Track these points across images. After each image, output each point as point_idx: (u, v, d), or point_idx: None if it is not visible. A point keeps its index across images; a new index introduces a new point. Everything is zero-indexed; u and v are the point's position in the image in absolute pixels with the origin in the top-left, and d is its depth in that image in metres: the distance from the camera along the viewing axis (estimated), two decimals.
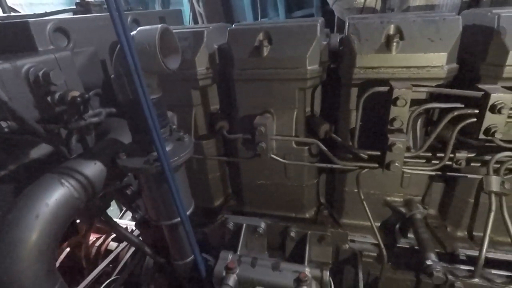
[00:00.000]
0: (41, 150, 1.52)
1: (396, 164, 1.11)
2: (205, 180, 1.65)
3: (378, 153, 1.19)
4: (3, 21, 1.37)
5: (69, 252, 3.07)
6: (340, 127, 1.39)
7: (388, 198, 1.39)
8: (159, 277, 1.82)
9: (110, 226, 1.68)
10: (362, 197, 1.26)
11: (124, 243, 2.94)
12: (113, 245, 3.01)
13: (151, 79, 1.10)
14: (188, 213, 1.37)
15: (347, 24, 1.25)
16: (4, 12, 2.78)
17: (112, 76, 1.11)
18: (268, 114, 1.40)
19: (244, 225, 1.40)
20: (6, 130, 1.15)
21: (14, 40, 1.33)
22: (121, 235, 1.73)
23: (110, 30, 1.72)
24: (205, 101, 1.57)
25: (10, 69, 1.14)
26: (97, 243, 3.02)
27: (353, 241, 1.37)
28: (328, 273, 1.17)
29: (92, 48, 1.60)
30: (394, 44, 1.17)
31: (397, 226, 1.37)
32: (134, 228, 2.37)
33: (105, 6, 2.01)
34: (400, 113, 1.09)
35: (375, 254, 1.36)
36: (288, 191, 1.53)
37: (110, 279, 2.23)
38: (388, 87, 1.11)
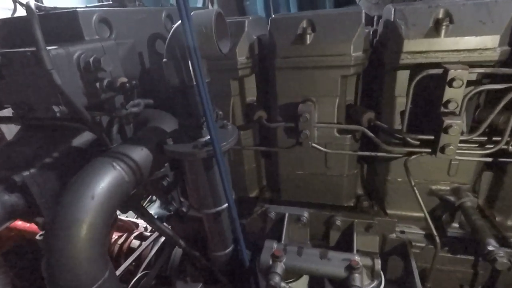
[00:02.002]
0: (82, 139, 1.54)
1: (451, 147, 1.09)
2: (241, 172, 1.64)
3: (431, 137, 1.16)
4: (52, 11, 1.40)
5: None
6: (384, 114, 1.37)
7: (434, 187, 1.36)
8: (193, 270, 1.80)
9: (145, 218, 1.68)
10: (413, 184, 1.23)
11: (147, 241, 2.94)
12: (135, 243, 3.01)
13: (203, 63, 1.11)
14: (225, 205, 1.37)
15: (393, 10, 1.25)
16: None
17: (164, 60, 1.12)
18: (309, 102, 1.39)
19: (287, 214, 1.38)
20: (58, 114, 1.16)
21: (62, 30, 1.36)
22: (156, 227, 1.72)
23: (148, 24, 1.77)
24: (243, 92, 1.57)
25: (64, 55, 1.16)
26: (119, 241, 3.02)
27: (403, 232, 1.34)
28: (379, 262, 1.14)
29: (132, 40, 1.62)
30: (444, 28, 1.16)
31: (445, 215, 1.34)
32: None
33: (139, 1, 2.06)
34: (455, 95, 1.07)
35: (423, 245, 1.33)
36: (327, 182, 1.51)
37: (140, 274, 2.22)
38: (442, 69, 1.09)
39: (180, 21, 1.06)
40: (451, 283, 1.31)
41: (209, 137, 1.21)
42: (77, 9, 1.34)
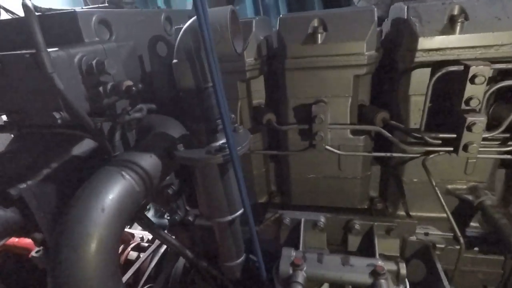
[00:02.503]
0: (81, 147, 1.45)
1: (475, 145, 1.06)
2: (250, 177, 1.58)
3: (451, 135, 1.14)
4: (48, 13, 1.32)
5: None
6: (397, 114, 1.34)
7: (450, 186, 1.34)
8: (202, 282, 1.72)
9: (150, 228, 1.60)
10: (434, 183, 1.21)
11: (146, 253, 2.82)
12: (133, 255, 2.88)
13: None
14: (238, 213, 1.31)
15: (405, 8, 1.23)
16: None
17: (174, 61, 1.05)
18: (322, 103, 1.35)
19: (303, 220, 1.33)
20: (59, 121, 1.08)
21: (60, 31, 1.28)
22: (162, 238, 1.64)
23: (148, 26, 1.70)
24: (250, 94, 1.52)
25: (65, 57, 1.09)
26: None
27: (427, 234, 1.30)
28: (404, 266, 1.10)
29: (132, 43, 1.55)
30: (459, 24, 1.14)
31: (463, 215, 1.32)
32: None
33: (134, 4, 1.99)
34: (477, 91, 1.05)
35: (443, 246, 1.30)
36: (341, 185, 1.46)
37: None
38: (462, 66, 1.07)
39: (193, 19, 1.00)
40: (475, 284, 1.28)
41: (221, 142, 1.15)
42: (76, 10, 1.27)
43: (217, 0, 3.78)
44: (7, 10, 3.53)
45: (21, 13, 2.06)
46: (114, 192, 0.96)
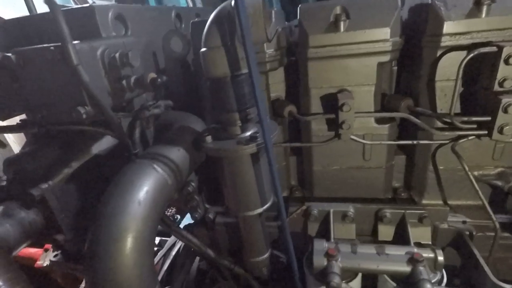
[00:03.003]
0: (100, 146, 1.41)
1: (510, 126, 1.05)
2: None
3: (486, 118, 1.12)
4: (64, 8, 1.28)
5: None
6: (421, 101, 1.33)
7: (477, 173, 1.33)
8: (224, 282, 1.68)
9: (171, 227, 1.56)
10: (467, 169, 1.19)
11: (158, 256, 2.77)
12: None
13: None
14: (268, 205, 1.28)
15: None
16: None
17: (203, 49, 1.02)
18: (346, 92, 1.33)
19: (332, 211, 1.31)
20: (84, 116, 1.05)
21: (78, 26, 1.24)
22: (182, 237, 1.60)
23: (160, 22, 1.67)
24: (268, 87, 1.50)
25: (87, 50, 1.06)
26: None
27: (464, 222, 1.28)
28: (442, 253, 1.08)
29: (146, 38, 1.52)
30: (485, 7, 1.13)
31: (492, 201, 1.30)
32: None
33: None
34: (511, 72, 1.04)
35: (474, 233, 1.28)
36: (365, 175, 1.44)
37: None
38: (494, 47, 1.06)
39: (222, 6, 0.98)
40: (508, 270, 1.27)
41: (251, 132, 1.13)
42: (94, 5, 1.23)
43: None
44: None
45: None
46: (149, 185, 0.93)
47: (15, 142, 3.47)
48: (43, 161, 1.25)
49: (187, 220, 2.59)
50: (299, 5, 1.36)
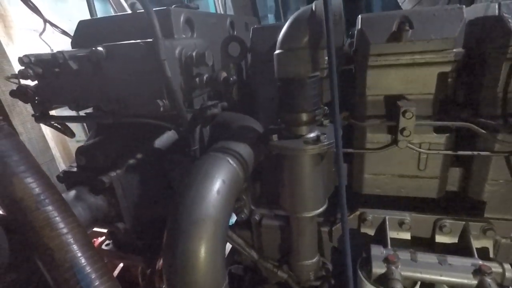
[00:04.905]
0: (162, 141, 1.48)
1: None
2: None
3: None
4: (141, 10, 1.38)
5: (123, 267, 2.93)
6: (484, 111, 1.32)
7: None
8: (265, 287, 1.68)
9: None
10: None
11: None
12: None
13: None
14: (323, 208, 1.29)
15: (497, 6, 1.23)
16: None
17: (278, 51, 1.07)
18: (405, 100, 1.34)
19: (387, 217, 1.30)
20: (161, 109, 1.11)
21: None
22: (228, 238, 1.62)
23: (218, 28, 1.75)
24: (322, 92, 1.52)
25: (169, 47, 1.13)
26: None
27: None
28: (510, 268, 1.05)
29: (208, 42, 1.60)
30: None
31: None
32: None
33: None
34: None
35: None
36: (418, 185, 1.43)
37: None
38: None
39: (303, 9, 1.03)
40: None
41: (315, 133, 1.16)
42: (170, 8, 1.32)
43: None
44: (52, 25, 3.67)
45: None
46: (224, 175, 0.97)
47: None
48: (112, 151, 1.33)
49: None
50: (359, 15, 1.40)
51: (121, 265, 2.92)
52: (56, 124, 1.40)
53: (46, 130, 3.46)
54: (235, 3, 4.62)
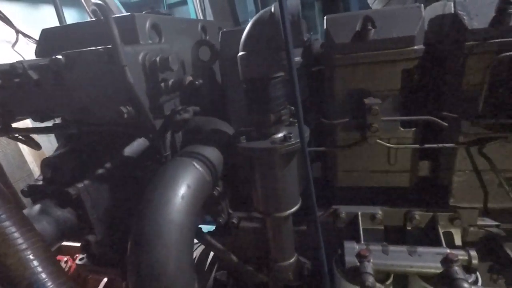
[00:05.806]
0: (132, 148, 1.45)
1: None
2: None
3: None
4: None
5: (107, 281, 2.85)
6: (446, 105, 1.36)
7: (504, 175, 1.34)
8: None
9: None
10: (496, 171, 1.21)
11: None
12: None
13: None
14: (297, 207, 1.30)
15: (452, 4, 1.28)
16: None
17: (241, 53, 1.08)
18: (371, 97, 1.37)
19: (360, 213, 1.32)
20: (125, 116, 1.09)
21: (119, 33, 1.31)
22: (206, 243, 1.60)
23: (188, 33, 1.74)
24: None
25: (131, 53, 1.12)
26: None
27: (498, 225, 1.28)
28: (476, 255, 1.08)
29: (177, 47, 1.59)
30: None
31: None
32: None
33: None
34: None
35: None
36: (390, 179, 1.46)
37: None
38: None
39: (262, 11, 1.04)
40: None
41: (283, 133, 1.16)
42: (135, 14, 1.31)
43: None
44: (25, 35, 3.57)
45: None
46: (189, 180, 0.96)
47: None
48: (78, 161, 1.29)
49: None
50: (325, 16, 1.43)
51: (105, 279, 2.85)
52: (20, 137, 1.35)
53: (23, 145, 3.34)
54: (214, 9, 4.62)
